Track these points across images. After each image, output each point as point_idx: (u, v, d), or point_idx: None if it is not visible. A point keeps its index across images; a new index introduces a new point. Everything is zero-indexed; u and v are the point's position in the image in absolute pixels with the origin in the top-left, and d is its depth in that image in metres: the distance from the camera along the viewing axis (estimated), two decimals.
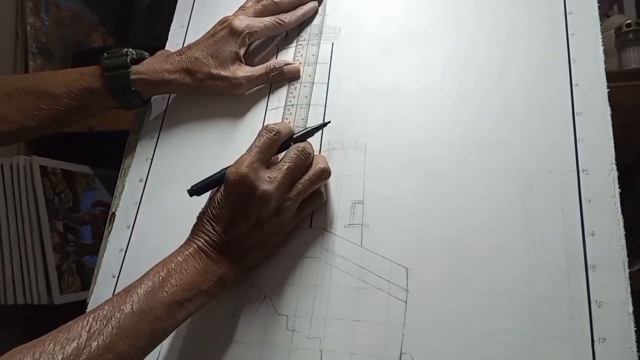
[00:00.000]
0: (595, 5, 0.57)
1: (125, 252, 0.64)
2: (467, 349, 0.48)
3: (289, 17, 0.69)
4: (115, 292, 0.61)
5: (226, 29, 0.67)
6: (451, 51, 0.61)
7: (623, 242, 0.47)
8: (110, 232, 0.66)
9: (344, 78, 0.64)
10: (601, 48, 0.55)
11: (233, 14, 0.69)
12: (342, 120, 0.62)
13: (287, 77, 0.67)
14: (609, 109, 0.52)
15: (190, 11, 0.79)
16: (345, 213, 0.57)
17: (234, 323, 0.55)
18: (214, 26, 0.69)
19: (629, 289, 0.45)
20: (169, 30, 0.79)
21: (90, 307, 0.61)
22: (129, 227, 0.65)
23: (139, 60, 0.69)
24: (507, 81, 0.57)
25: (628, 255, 0.47)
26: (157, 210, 0.65)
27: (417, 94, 0.60)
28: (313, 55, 0.68)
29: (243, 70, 0.67)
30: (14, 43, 1.03)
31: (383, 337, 0.50)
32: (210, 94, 0.69)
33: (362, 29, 0.67)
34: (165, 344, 0.55)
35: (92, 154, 1.13)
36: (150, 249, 0.63)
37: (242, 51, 0.67)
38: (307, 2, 0.71)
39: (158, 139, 0.70)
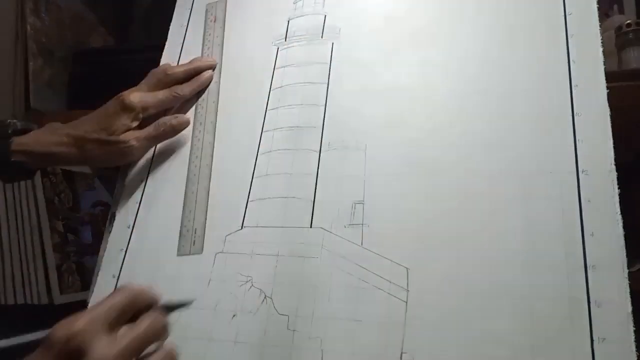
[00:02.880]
0: (595, 6, 0.57)
1: (125, 252, 0.64)
2: (467, 348, 0.48)
3: (183, 89, 0.69)
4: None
5: (119, 105, 0.65)
6: (451, 51, 0.61)
7: (622, 242, 0.47)
8: (110, 232, 0.66)
9: (344, 78, 0.65)
10: (601, 49, 0.55)
11: (127, 91, 0.67)
12: (342, 120, 0.62)
13: (178, 129, 0.68)
14: (608, 109, 0.52)
15: (190, 10, 0.79)
16: (345, 213, 0.57)
17: (235, 323, 0.55)
18: (107, 103, 0.67)
19: (628, 289, 0.45)
20: (168, 30, 0.79)
21: (90, 307, 0.61)
22: (129, 227, 0.65)
23: (25, 131, 0.67)
24: (507, 82, 0.57)
25: (628, 255, 0.47)
26: (157, 210, 0.65)
27: (417, 94, 0.60)
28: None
29: (132, 133, 0.66)
30: (14, 43, 1.03)
31: (384, 337, 0.50)
32: (100, 164, 0.67)
33: (362, 29, 0.67)
34: (166, 344, 0.56)
35: None
36: (150, 249, 0.63)
37: (134, 124, 0.66)
38: (203, 71, 0.71)
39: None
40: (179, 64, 0.74)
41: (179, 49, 0.76)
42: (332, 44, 0.67)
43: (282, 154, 0.62)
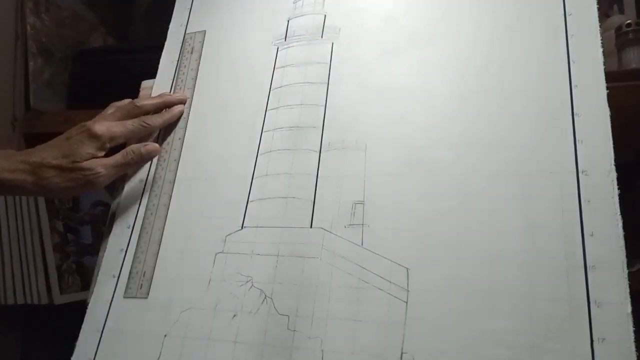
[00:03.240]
0: (595, 6, 0.57)
1: (125, 252, 0.64)
2: (467, 348, 0.48)
3: (154, 120, 0.67)
4: (115, 292, 0.61)
5: (85, 133, 0.62)
6: (451, 52, 0.61)
7: (622, 242, 0.47)
8: (110, 232, 0.66)
9: (344, 78, 0.65)
10: (600, 49, 0.55)
11: (92, 120, 0.64)
12: (342, 120, 0.62)
13: (146, 157, 0.66)
14: (608, 110, 0.52)
15: (189, 10, 0.79)
16: (345, 213, 0.57)
17: (235, 323, 0.55)
18: (69, 130, 0.63)
19: (628, 289, 0.45)
20: (168, 30, 0.79)
21: (90, 307, 0.62)
22: (129, 227, 0.65)
23: None
24: (507, 82, 0.57)
25: (628, 255, 0.47)
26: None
27: (417, 94, 0.60)
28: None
29: (100, 160, 0.62)
30: (14, 43, 1.03)
31: (384, 337, 0.50)
32: (58, 194, 0.64)
33: (362, 29, 0.67)
34: (166, 343, 0.56)
35: None
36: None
37: (99, 154, 0.62)
38: (173, 105, 0.70)
39: (158, 138, 0.71)
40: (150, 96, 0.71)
41: (178, 49, 0.76)
42: (332, 43, 0.67)
43: (282, 154, 0.62)
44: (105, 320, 0.60)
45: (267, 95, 0.67)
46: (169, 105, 0.70)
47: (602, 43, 0.55)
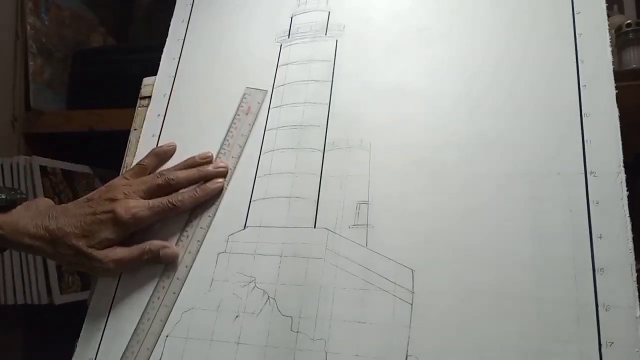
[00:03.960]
0: (604, 4, 0.56)
1: None
2: (473, 351, 0.47)
3: (184, 201, 0.61)
4: (117, 292, 0.60)
5: (110, 214, 0.59)
6: (458, 50, 0.61)
7: (631, 245, 0.47)
8: None
9: (348, 76, 0.64)
10: (609, 48, 0.54)
11: (123, 195, 0.61)
12: (347, 119, 0.61)
13: (162, 261, 0.60)
14: (617, 110, 0.51)
15: (191, 6, 0.78)
16: (349, 213, 0.56)
17: (238, 324, 0.54)
18: (97, 197, 0.62)
19: (637, 292, 0.45)
20: (169, 30, 0.78)
21: (91, 306, 0.61)
22: None
23: (9, 206, 0.62)
24: (515, 82, 0.57)
25: (635, 258, 0.46)
26: None
27: (423, 93, 0.60)
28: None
29: (115, 253, 0.59)
30: (14, 43, 1.03)
31: (388, 340, 0.49)
32: (71, 267, 0.65)
33: (368, 26, 0.66)
34: (169, 344, 0.55)
35: (92, 154, 1.12)
36: None
37: (119, 238, 0.60)
38: (211, 179, 0.63)
39: (159, 137, 0.70)
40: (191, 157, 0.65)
41: (180, 45, 0.75)
42: (337, 41, 0.67)
43: (285, 152, 0.62)
44: (107, 320, 0.59)
45: (270, 93, 0.66)
46: (206, 179, 0.63)
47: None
